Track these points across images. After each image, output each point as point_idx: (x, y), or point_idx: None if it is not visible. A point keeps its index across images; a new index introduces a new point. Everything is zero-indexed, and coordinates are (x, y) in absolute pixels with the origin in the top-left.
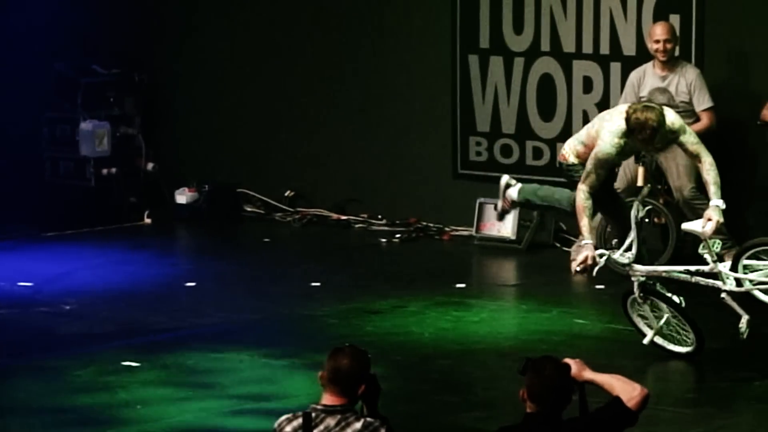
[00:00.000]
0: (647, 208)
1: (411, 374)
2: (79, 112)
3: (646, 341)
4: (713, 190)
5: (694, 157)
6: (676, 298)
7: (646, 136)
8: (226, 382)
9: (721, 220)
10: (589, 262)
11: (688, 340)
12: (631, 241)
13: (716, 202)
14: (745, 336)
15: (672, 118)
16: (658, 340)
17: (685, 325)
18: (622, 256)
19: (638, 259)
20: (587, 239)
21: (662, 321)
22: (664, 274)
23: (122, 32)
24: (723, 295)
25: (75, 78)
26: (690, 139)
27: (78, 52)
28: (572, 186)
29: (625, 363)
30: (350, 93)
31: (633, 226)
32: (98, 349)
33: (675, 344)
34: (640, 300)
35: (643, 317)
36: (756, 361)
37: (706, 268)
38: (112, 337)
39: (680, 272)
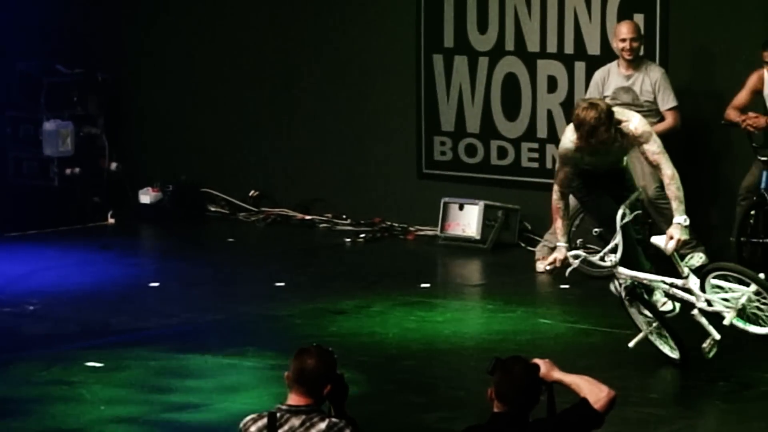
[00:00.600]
0: (636, 212)
1: (375, 374)
2: (43, 111)
3: (632, 344)
4: (675, 206)
5: (655, 167)
6: (669, 305)
7: (583, 133)
8: (190, 382)
9: (685, 237)
10: (557, 264)
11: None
12: (616, 244)
13: (679, 219)
14: (709, 356)
15: (636, 123)
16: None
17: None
18: (604, 260)
19: (631, 264)
20: (560, 241)
21: (652, 326)
22: (645, 282)
23: (85, 32)
24: (694, 311)
25: (38, 77)
26: (652, 148)
27: (41, 52)
28: None
29: (590, 363)
30: (314, 92)
31: (618, 229)
32: (62, 350)
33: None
34: (627, 303)
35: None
36: (720, 362)
37: (680, 282)
38: (75, 337)
39: (659, 281)
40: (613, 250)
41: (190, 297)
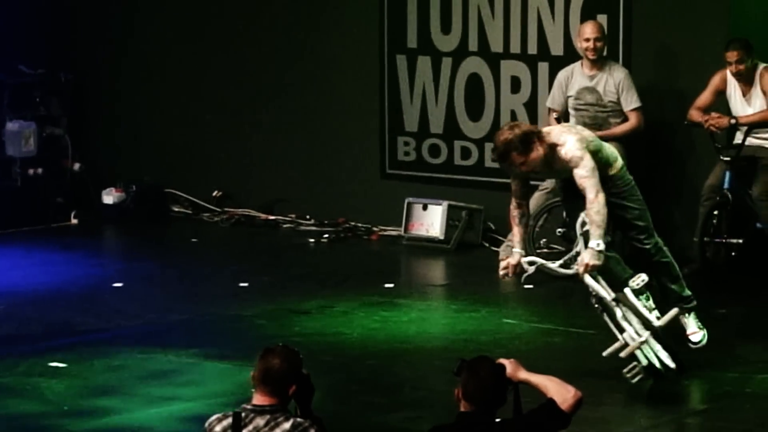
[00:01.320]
0: None
1: (340, 375)
2: (5, 112)
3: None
4: (592, 230)
5: (581, 190)
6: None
7: (495, 156)
8: (154, 382)
9: (595, 262)
10: (509, 271)
11: None
12: (577, 252)
13: (592, 244)
14: (632, 381)
15: (567, 149)
16: None
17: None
18: (565, 267)
19: (606, 272)
20: (516, 247)
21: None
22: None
23: (48, 32)
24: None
25: (1, 78)
26: (580, 172)
27: (3, 53)
28: None
29: (554, 363)
30: (278, 93)
31: (578, 236)
32: (25, 350)
33: None
34: (598, 311)
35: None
36: (683, 361)
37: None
38: (39, 337)
39: (609, 300)
40: (574, 258)
41: (153, 297)
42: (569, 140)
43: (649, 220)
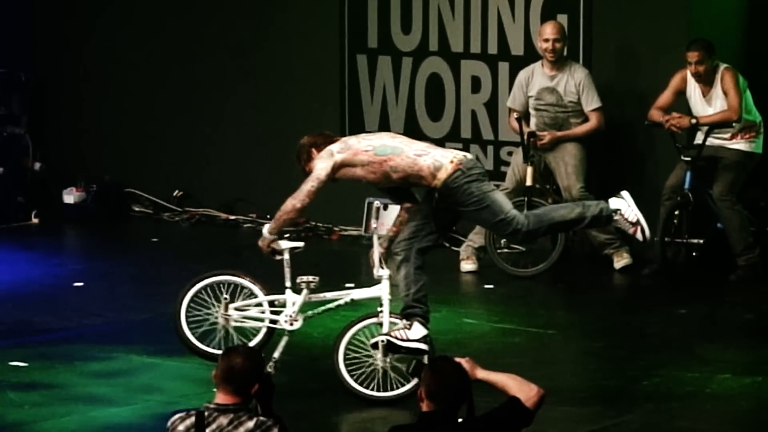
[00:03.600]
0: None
1: (300, 373)
2: None
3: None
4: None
5: None
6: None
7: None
8: (115, 381)
9: (260, 245)
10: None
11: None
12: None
13: (264, 230)
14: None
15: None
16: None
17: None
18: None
19: None
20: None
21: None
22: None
23: (8, 32)
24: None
25: None
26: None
27: None
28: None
29: (515, 362)
30: (238, 92)
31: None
32: None
33: None
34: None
35: None
36: (644, 360)
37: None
38: None
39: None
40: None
41: (114, 296)
42: (324, 152)
43: (496, 209)
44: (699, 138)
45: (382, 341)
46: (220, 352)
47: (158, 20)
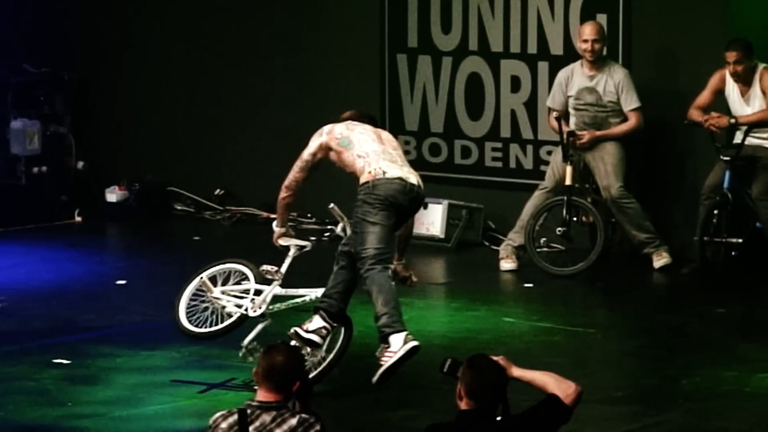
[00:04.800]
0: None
1: (341, 372)
2: (10, 110)
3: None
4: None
5: None
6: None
7: None
8: (157, 379)
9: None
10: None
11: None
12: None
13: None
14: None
15: None
16: None
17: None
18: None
19: None
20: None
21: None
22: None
23: (52, 31)
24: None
25: (5, 77)
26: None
27: (8, 52)
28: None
29: (554, 361)
30: (280, 92)
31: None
32: (28, 347)
33: None
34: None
35: None
36: (682, 359)
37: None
38: (42, 334)
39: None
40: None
41: (155, 294)
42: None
43: (362, 240)
44: (738, 138)
45: (291, 332)
46: (210, 330)
47: (199, 19)
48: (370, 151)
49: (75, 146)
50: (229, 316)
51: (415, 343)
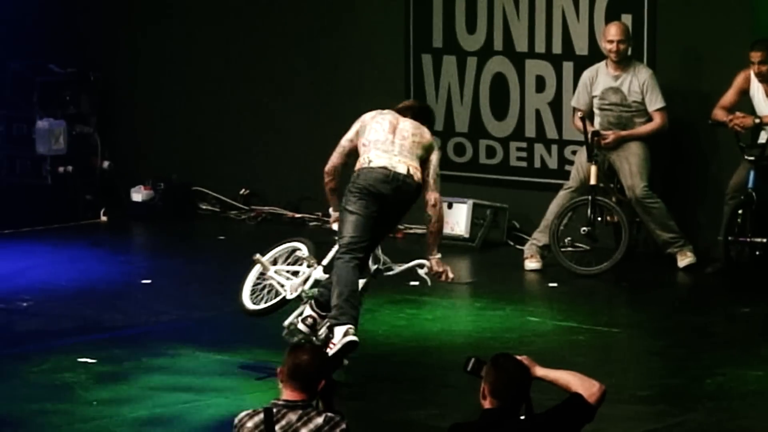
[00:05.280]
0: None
1: (365, 371)
2: (36, 110)
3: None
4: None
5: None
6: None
7: None
8: (181, 378)
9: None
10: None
11: None
12: None
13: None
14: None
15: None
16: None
17: None
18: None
19: None
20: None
21: None
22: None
23: (78, 31)
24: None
25: (31, 77)
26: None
27: (34, 52)
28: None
29: (578, 360)
30: (304, 92)
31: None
32: (54, 346)
33: None
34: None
35: None
36: (707, 359)
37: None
38: (68, 333)
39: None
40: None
41: (181, 294)
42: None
43: (341, 227)
44: (762, 137)
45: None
46: (257, 308)
47: (227, 21)
48: (372, 141)
49: (100, 146)
50: (276, 295)
51: (352, 338)
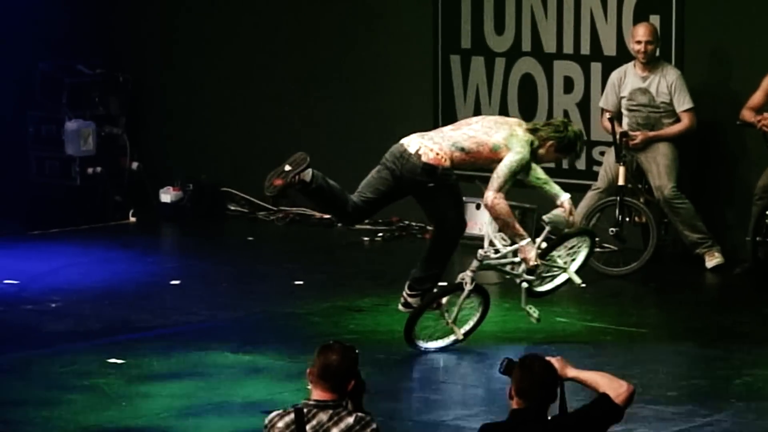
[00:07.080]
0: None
1: (393, 372)
2: (65, 111)
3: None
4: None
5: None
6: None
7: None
8: (211, 379)
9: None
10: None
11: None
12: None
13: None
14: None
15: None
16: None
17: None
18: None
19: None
20: (528, 238)
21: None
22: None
23: (107, 32)
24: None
25: (60, 78)
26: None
27: (63, 53)
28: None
29: (607, 361)
30: (332, 93)
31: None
32: (83, 347)
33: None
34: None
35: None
36: (735, 360)
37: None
38: (96, 334)
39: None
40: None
41: (209, 295)
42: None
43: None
44: None
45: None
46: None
47: (255, 21)
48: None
49: (129, 147)
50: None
51: None
